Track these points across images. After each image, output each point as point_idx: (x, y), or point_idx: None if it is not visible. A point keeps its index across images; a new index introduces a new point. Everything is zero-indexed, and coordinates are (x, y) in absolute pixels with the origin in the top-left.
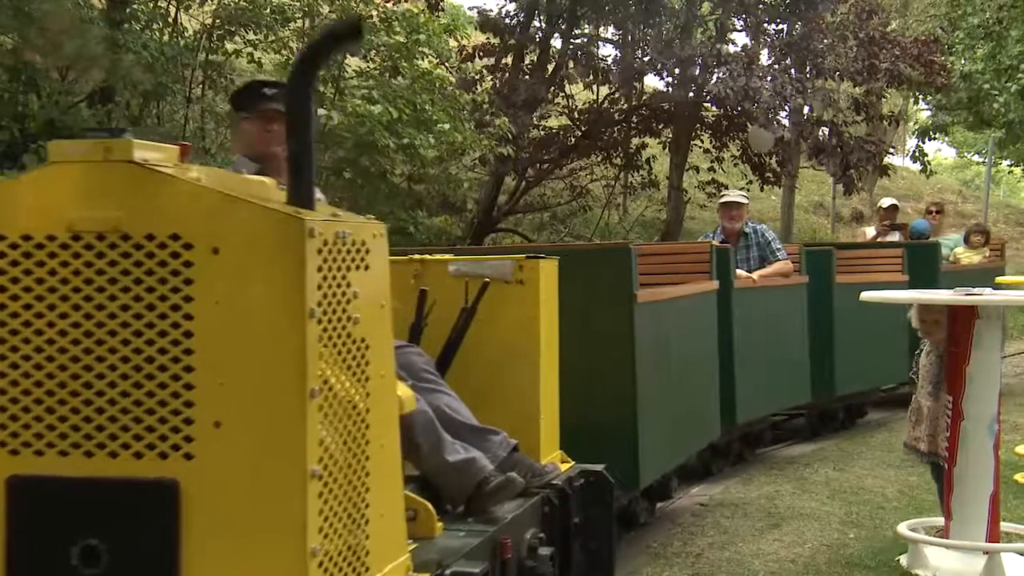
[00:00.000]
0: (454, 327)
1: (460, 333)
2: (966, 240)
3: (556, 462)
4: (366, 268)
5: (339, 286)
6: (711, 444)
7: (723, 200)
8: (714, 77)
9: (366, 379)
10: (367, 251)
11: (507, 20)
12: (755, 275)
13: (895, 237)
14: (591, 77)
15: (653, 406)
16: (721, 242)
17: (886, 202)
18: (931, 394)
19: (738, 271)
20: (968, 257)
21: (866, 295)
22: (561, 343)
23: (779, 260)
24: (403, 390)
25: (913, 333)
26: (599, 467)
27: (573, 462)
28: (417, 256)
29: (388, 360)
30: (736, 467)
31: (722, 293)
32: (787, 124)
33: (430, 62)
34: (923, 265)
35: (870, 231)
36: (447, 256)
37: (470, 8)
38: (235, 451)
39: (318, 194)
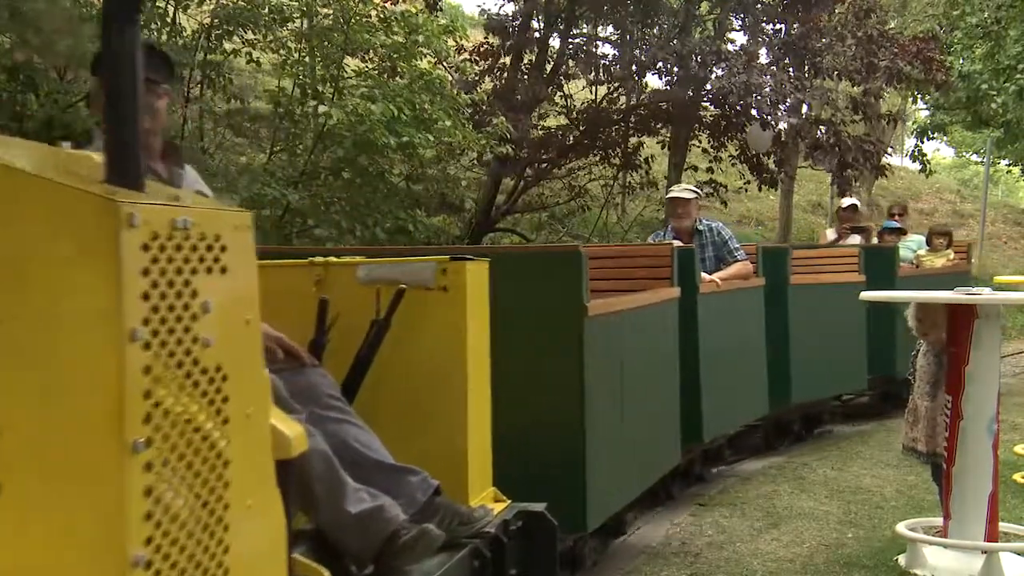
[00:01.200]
0: (363, 344)
1: (371, 351)
2: (928, 243)
3: (488, 503)
4: (222, 271)
5: (179, 296)
6: None
7: (668, 196)
8: (713, 75)
9: (224, 421)
10: (223, 248)
11: (505, 22)
12: (716, 277)
13: (856, 239)
14: (592, 74)
15: (605, 433)
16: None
17: (845, 202)
18: (928, 394)
19: (701, 274)
20: (931, 260)
21: (865, 295)
22: (496, 361)
23: (738, 261)
24: (289, 426)
25: (872, 337)
26: (539, 507)
27: (509, 501)
28: (319, 259)
29: (258, 393)
30: (730, 468)
31: (685, 301)
32: (785, 123)
33: (429, 62)
34: (880, 267)
35: (831, 233)
36: (356, 259)
37: (477, 6)
38: (24, 531)
39: (199, 182)
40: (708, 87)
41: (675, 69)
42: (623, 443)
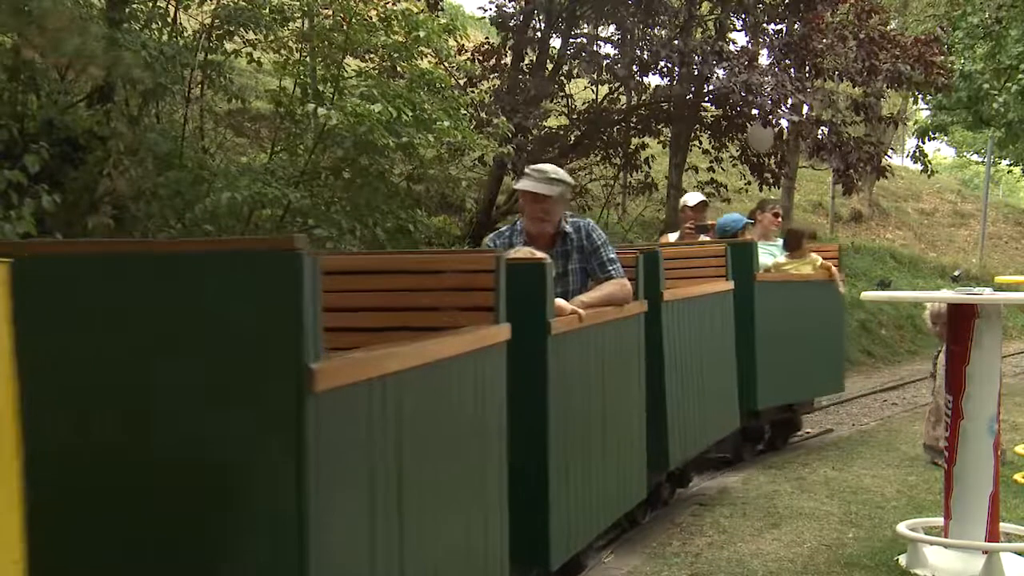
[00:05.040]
0: None
1: None
2: (787, 247)
3: None
4: None
5: None
6: None
7: (518, 186)
8: (714, 75)
9: None
10: None
11: (502, 19)
12: (579, 307)
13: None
14: (595, 75)
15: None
16: (524, 246)
17: (692, 199)
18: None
19: (558, 300)
20: (795, 268)
21: (867, 295)
22: (121, 479)
23: (613, 278)
24: None
25: (741, 368)
26: None
27: None
28: None
29: None
30: (735, 466)
31: (525, 346)
32: (786, 122)
33: (429, 62)
34: (743, 269)
35: (673, 236)
36: None
37: (479, 8)
38: None
39: None
40: (709, 87)
41: (676, 69)
42: None
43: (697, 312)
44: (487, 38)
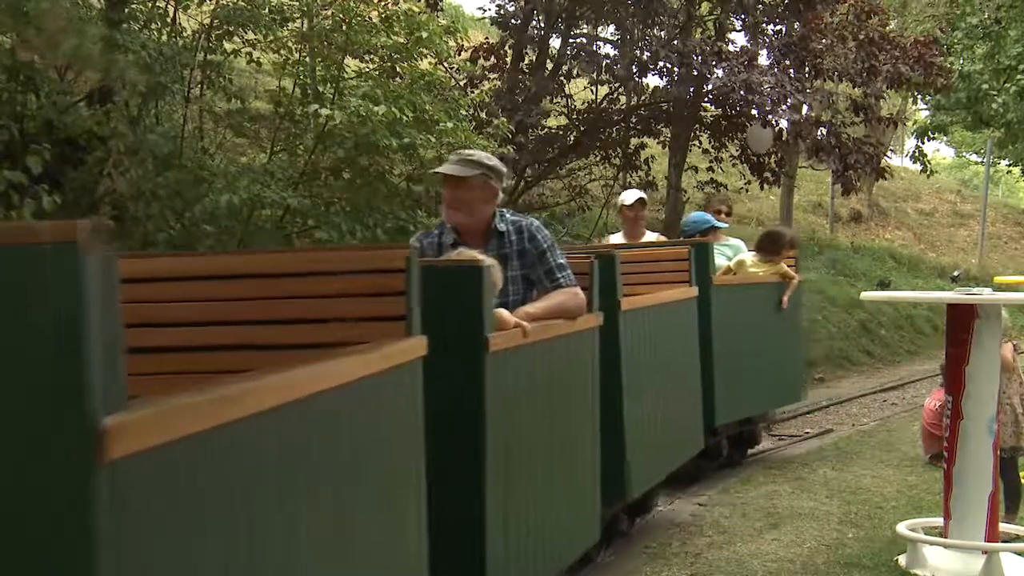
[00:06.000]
0: None
1: None
2: (765, 250)
3: None
4: None
5: None
6: None
7: (437, 170)
8: (714, 75)
9: None
10: None
11: (502, 19)
12: (524, 320)
13: (652, 238)
14: (595, 75)
15: None
16: (453, 246)
17: (629, 197)
18: None
19: (499, 311)
20: (766, 273)
21: (866, 295)
22: None
23: (563, 287)
24: None
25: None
26: None
27: None
28: None
29: None
30: (734, 468)
31: (455, 365)
32: (786, 122)
33: (430, 62)
34: (701, 275)
35: (615, 237)
36: None
37: (479, 8)
38: None
39: None
40: (709, 86)
41: (676, 69)
42: None
43: (658, 323)
44: (487, 38)
